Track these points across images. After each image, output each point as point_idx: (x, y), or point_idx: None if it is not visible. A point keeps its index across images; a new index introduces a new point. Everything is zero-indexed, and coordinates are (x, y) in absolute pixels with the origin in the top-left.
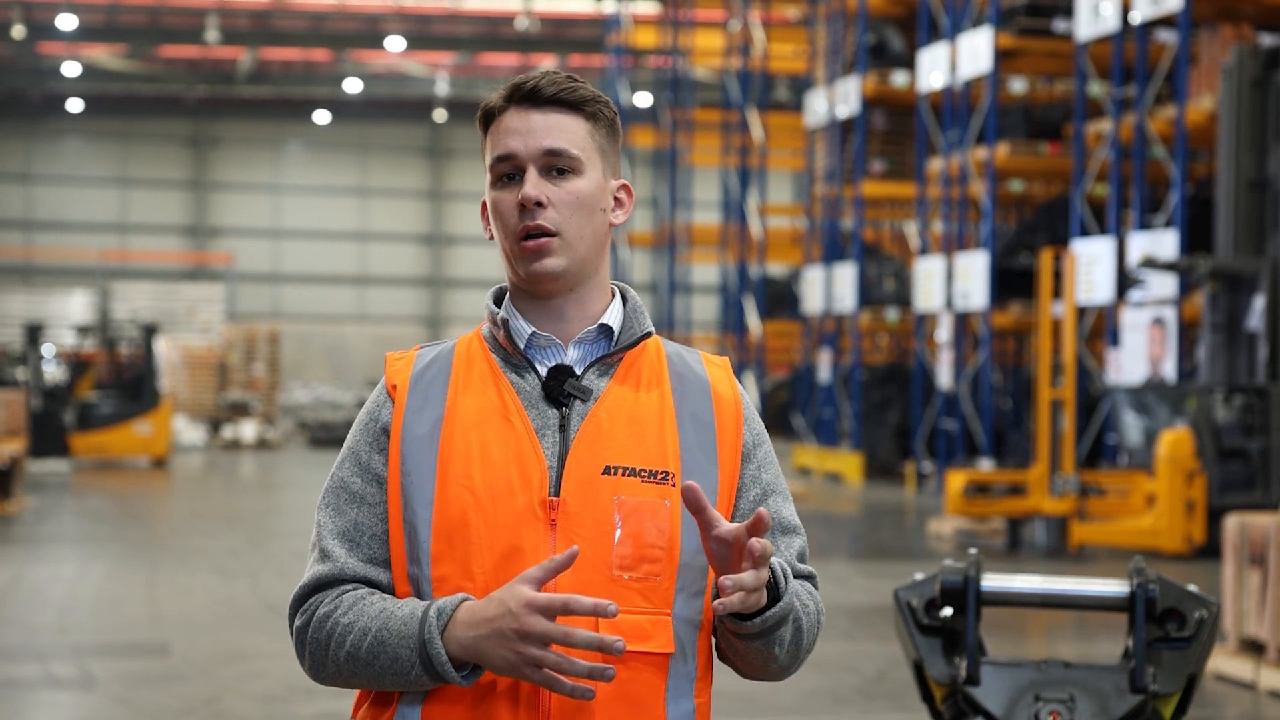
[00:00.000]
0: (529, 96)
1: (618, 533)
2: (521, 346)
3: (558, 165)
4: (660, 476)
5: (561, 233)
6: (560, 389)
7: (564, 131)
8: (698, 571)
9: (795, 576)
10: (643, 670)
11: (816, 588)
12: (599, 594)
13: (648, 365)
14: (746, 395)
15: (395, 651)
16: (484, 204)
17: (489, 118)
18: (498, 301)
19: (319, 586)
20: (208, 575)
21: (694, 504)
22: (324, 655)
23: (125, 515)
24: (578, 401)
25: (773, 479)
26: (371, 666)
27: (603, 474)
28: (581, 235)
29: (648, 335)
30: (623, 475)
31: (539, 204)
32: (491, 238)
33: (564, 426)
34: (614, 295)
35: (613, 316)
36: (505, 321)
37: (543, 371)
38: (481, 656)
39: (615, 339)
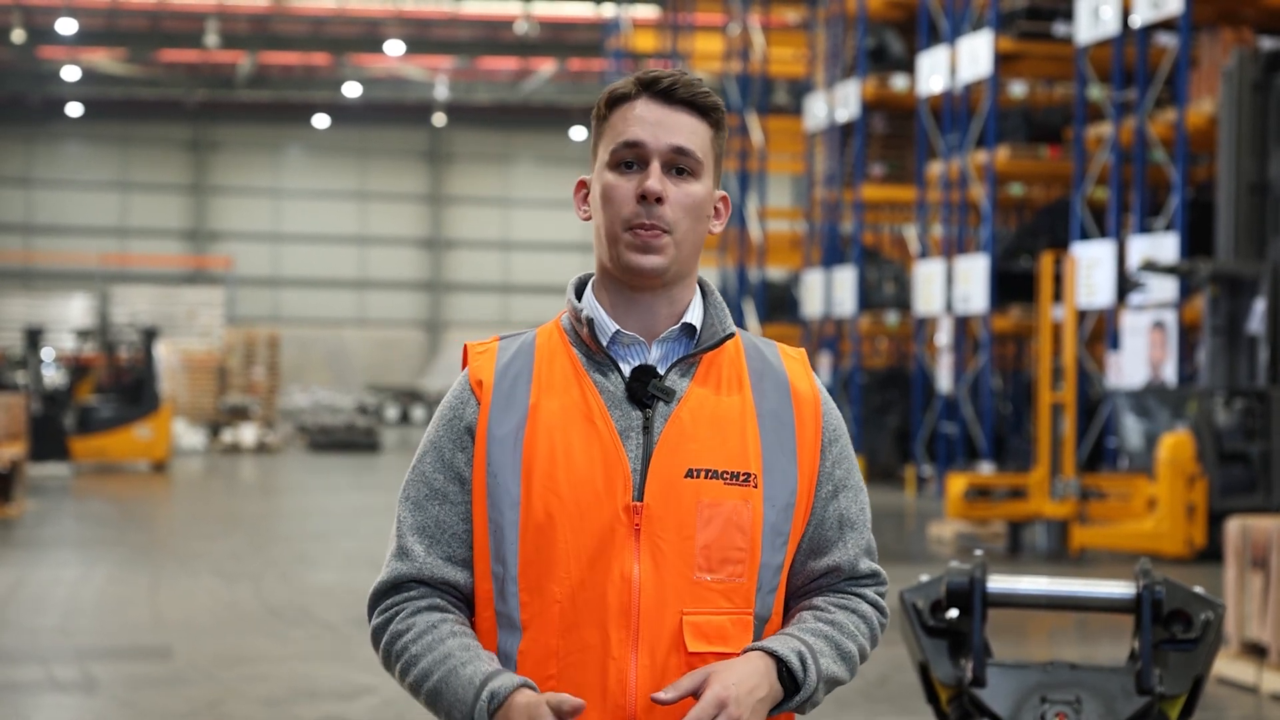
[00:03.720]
0: (664, 93)
1: (700, 535)
2: (605, 344)
3: (680, 165)
4: (742, 478)
5: (673, 232)
6: (644, 390)
7: (692, 133)
8: (774, 570)
9: (854, 576)
10: None
11: (881, 584)
12: (682, 596)
13: (728, 364)
14: (824, 390)
15: (451, 706)
16: (580, 182)
17: (615, 102)
18: (578, 292)
19: (397, 585)
20: (209, 578)
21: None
22: (393, 671)
23: (126, 519)
24: (661, 403)
25: (845, 474)
26: (432, 706)
27: (685, 477)
28: (688, 238)
29: (730, 336)
30: (705, 478)
31: (659, 199)
32: (587, 218)
33: (647, 429)
34: (695, 291)
35: (695, 314)
36: (590, 319)
37: (626, 370)
38: None
39: (697, 338)
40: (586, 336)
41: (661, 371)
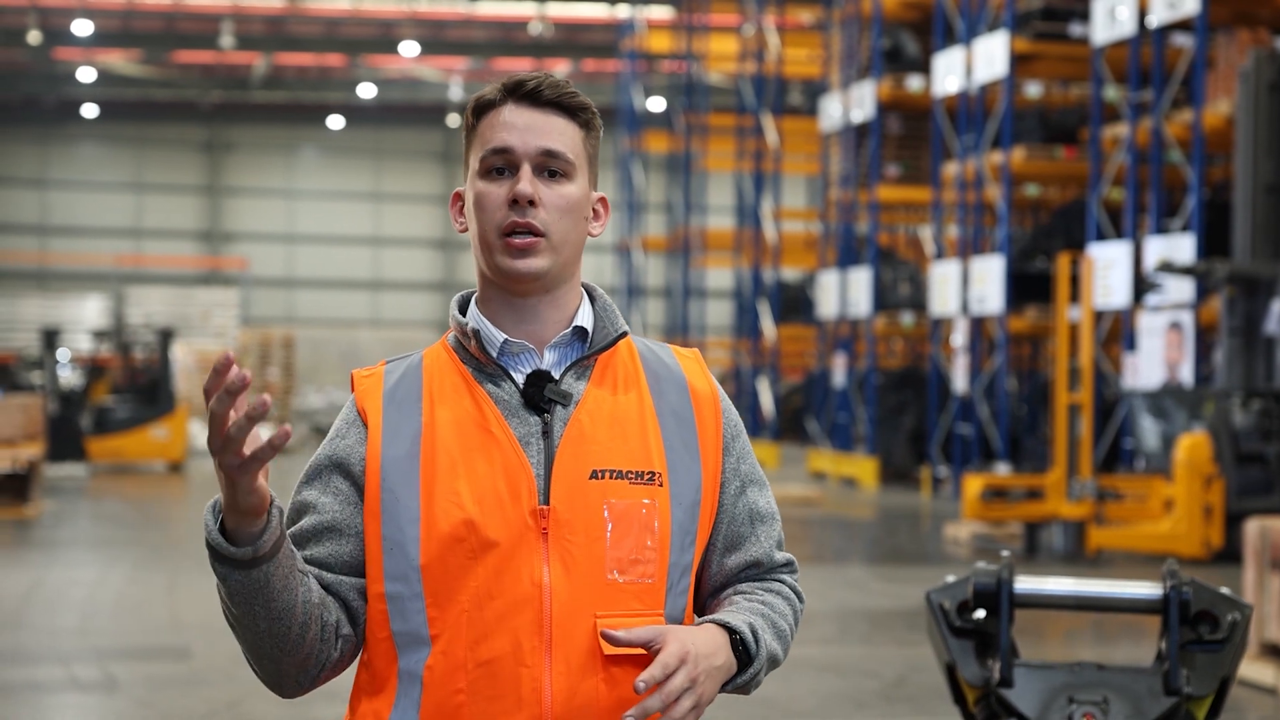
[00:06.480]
0: (529, 96)
1: (609, 536)
2: (495, 355)
3: (551, 167)
4: (647, 477)
5: (548, 234)
6: (541, 395)
7: (560, 134)
8: (683, 569)
9: (772, 568)
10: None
11: (795, 572)
12: (594, 598)
13: (622, 365)
14: (721, 388)
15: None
16: (455, 194)
17: (482, 109)
18: (462, 309)
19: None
20: None
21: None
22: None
23: (143, 519)
24: (558, 407)
25: (750, 469)
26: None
27: (590, 478)
28: (566, 239)
29: (622, 335)
30: (610, 478)
31: (531, 202)
32: (463, 230)
33: (547, 433)
34: (582, 296)
35: (585, 317)
36: (476, 332)
37: (519, 378)
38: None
39: (589, 340)
40: (475, 349)
41: (556, 376)
